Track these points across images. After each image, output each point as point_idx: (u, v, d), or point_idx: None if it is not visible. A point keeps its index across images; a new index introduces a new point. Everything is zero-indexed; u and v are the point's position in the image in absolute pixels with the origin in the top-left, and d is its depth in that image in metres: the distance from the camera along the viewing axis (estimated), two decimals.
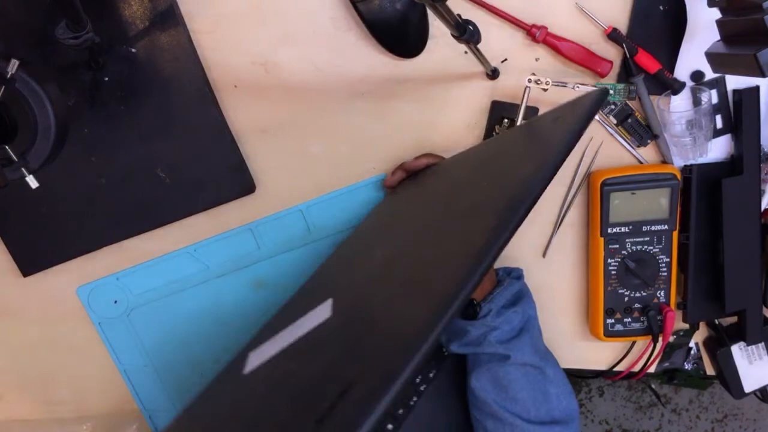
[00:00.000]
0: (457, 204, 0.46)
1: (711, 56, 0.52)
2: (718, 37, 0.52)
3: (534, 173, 0.35)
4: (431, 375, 0.63)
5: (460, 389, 0.64)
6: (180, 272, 0.68)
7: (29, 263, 0.66)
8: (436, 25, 0.62)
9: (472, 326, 0.58)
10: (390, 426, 0.60)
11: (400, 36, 0.61)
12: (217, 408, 0.46)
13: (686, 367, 0.74)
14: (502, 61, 0.63)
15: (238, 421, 0.39)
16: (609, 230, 0.64)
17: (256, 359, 0.48)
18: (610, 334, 0.67)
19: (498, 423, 0.57)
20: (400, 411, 0.60)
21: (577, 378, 1.47)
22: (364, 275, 0.49)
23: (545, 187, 0.35)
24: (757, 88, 0.62)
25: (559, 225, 0.68)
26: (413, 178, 0.63)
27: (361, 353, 0.33)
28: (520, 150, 0.47)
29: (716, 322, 0.71)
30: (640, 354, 0.70)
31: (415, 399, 0.62)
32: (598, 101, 0.41)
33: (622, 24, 0.62)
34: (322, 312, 0.45)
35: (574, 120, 0.39)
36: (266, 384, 0.42)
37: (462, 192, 0.48)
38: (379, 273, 0.46)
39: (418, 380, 0.62)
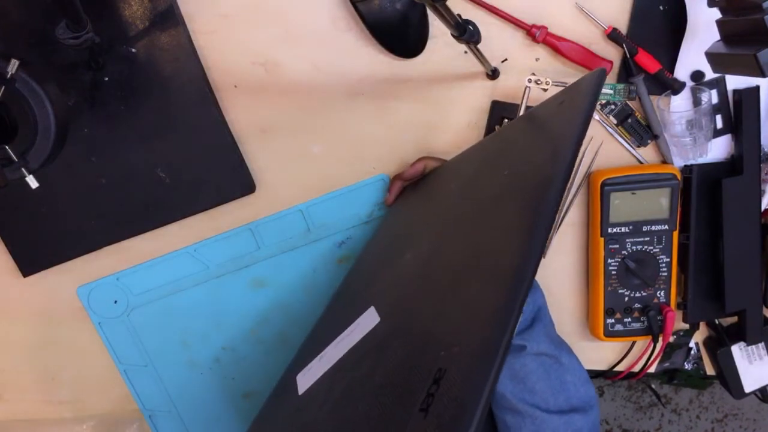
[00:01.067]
0: (483, 194, 0.46)
1: (711, 56, 0.52)
2: (718, 37, 0.52)
3: (562, 148, 0.36)
4: None
5: None
6: (180, 272, 0.68)
7: (29, 263, 0.66)
8: (436, 25, 0.62)
9: None
10: None
11: (400, 36, 0.61)
12: None
13: (686, 367, 0.74)
14: (502, 61, 0.63)
15: None
16: (609, 230, 0.64)
17: (306, 380, 0.48)
18: (610, 334, 0.67)
19: (517, 416, 0.57)
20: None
21: None
22: (400, 279, 0.49)
23: (574, 162, 0.36)
24: (757, 88, 0.62)
25: (559, 225, 0.68)
26: (414, 186, 0.63)
27: (438, 342, 0.33)
28: (532, 137, 0.47)
29: (716, 322, 0.71)
30: (640, 354, 0.70)
31: None
32: (599, 79, 0.40)
33: (622, 24, 0.62)
34: (369, 320, 0.45)
35: (582, 99, 0.39)
36: (333, 397, 0.42)
37: (482, 184, 0.49)
38: (417, 273, 0.46)
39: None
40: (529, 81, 0.60)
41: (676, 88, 0.62)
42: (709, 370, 0.73)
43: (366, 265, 0.62)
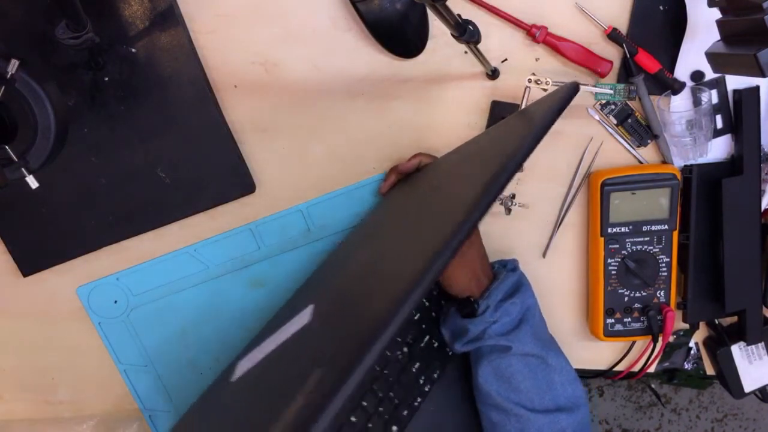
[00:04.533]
0: (438, 197, 0.47)
1: (711, 56, 0.52)
2: (718, 37, 0.52)
3: (495, 169, 0.36)
4: (435, 375, 0.63)
5: (467, 390, 0.64)
6: (180, 272, 0.68)
7: (29, 263, 0.66)
8: (436, 25, 0.62)
9: (471, 324, 0.58)
10: (395, 428, 0.60)
11: (400, 36, 0.61)
12: (206, 415, 0.47)
13: (686, 367, 0.74)
14: (502, 61, 0.63)
15: (228, 424, 0.40)
16: (609, 230, 0.64)
17: (243, 367, 0.49)
18: (610, 333, 0.67)
19: (502, 414, 0.57)
20: (405, 412, 0.60)
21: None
22: (345, 278, 0.49)
23: (512, 175, 0.36)
24: (757, 88, 0.62)
25: (559, 225, 0.68)
26: (407, 179, 0.63)
27: (334, 345, 0.34)
28: (496, 143, 0.48)
29: (716, 322, 0.71)
30: (640, 354, 0.70)
31: (419, 400, 0.62)
32: (568, 95, 0.41)
33: (622, 24, 0.62)
34: (303, 317, 0.46)
35: (541, 114, 0.39)
36: (249, 387, 0.43)
37: (443, 186, 0.49)
38: (359, 273, 0.46)
39: (422, 380, 0.62)
40: (529, 81, 0.60)
41: (676, 88, 0.62)
42: (709, 370, 0.73)
43: (334, 257, 0.62)
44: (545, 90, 0.60)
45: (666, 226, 0.64)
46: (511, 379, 0.57)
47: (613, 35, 0.61)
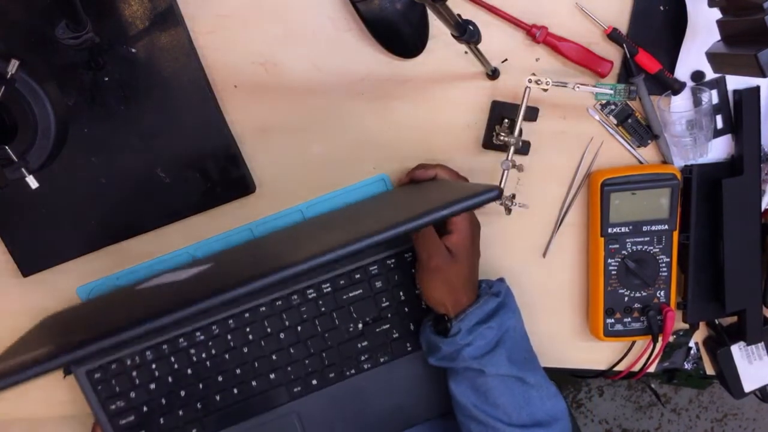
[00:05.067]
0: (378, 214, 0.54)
1: (711, 56, 0.52)
2: (719, 37, 0.52)
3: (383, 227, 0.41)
4: (382, 360, 0.66)
5: (423, 391, 0.66)
6: None
7: (29, 263, 0.66)
8: (436, 25, 0.62)
9: (443, 343, 0.58)
10: (314, 381, 0.65)
11: (400, 36, 0.61)
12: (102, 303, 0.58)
13: (686, 367, 0.74)
14: (502, 61, 0.63)
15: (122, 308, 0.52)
16: (609, 230, 0.64)
17: (149, 282, 0.58)
18: (610, 333, 0.67)
19: (481, 426, 0.58)
20: (332, 375, 0.65)
21: (577, 378, 1.47)
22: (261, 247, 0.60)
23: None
24: (757, 88, 0.62)
25: (559, 225, 0.68)
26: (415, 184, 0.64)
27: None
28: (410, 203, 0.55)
29: (716, 322, 0.71)
30: (640, 354, 0.70)
31: (353, 372, 0.65)
32: (482, 200, 0.43)
33: (622, 24, 0.62)
34: (192, 272, 0.54)
35: (441, 199, 0.44)
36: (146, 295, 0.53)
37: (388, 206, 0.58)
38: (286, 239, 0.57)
39: (363, 358, 0.65)
40: (529, 81, 0.60)
41: (677, 88, 0.62)
42: (709, 370, 0.73)
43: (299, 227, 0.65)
44: (545, 90, 0.60)
45: (666, 226, 0.64)
46: (487, 394, 0.57)
47: (613, 35, 0.61)
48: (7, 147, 0.49)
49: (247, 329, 0.64)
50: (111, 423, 0.64)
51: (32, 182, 0.50)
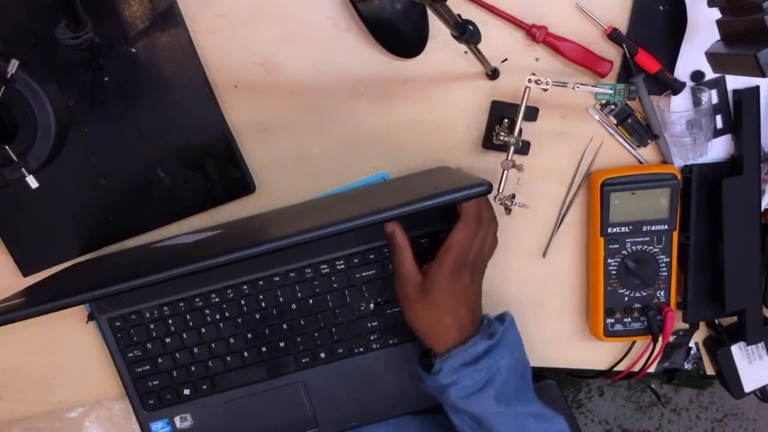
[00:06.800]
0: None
1: (711, 56, 0.52)
2: (718, 37, 0.52)
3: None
4: (391, 342, 0.66)
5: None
6: None
7: (29, 263, 0.66)
8: (436, 25, 0.62)
9: (426, 378, 0.57)
10: (323, 354, 0.66)
11: (400, 36, 0.61)
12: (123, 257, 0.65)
13: (686, 367, 0.74)
14: (502, 61, 0.63)
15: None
16: (609, 230, 0.64)
17: (166, 243, 0.64)
18: (610, 334, 0.67)
19: None
20: (340, 350, 0.66)
21: (577, 378, 1.47)
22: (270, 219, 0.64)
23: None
24: (757, 88, 0.62)
25: (559, 225, 0.68)
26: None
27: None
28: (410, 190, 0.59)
29: (716, 322, 0.71)
30: (640, 354, 0.70)
31: (361, 350, 0.66)
32: (473, 194, 0.45)
33: (622, 24, 0.62)
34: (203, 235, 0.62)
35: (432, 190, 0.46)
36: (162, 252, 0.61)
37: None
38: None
39: (373, 337, 0.66)
40: (529, 81, 0.60)
41: (676, 88, 0.62)
42: (709, 370, 0.73)
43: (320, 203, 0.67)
44: (545, 90, 0.60)
45: (666, 226, 0.64)
46: (483, 423, 0.55)
47: (613, 35, 0.61)
48: (7, 147, 0.49)
49: (260, 296, 0.65)
50: (128, 369, 0.66)
51: (32, 182, 0.50)
